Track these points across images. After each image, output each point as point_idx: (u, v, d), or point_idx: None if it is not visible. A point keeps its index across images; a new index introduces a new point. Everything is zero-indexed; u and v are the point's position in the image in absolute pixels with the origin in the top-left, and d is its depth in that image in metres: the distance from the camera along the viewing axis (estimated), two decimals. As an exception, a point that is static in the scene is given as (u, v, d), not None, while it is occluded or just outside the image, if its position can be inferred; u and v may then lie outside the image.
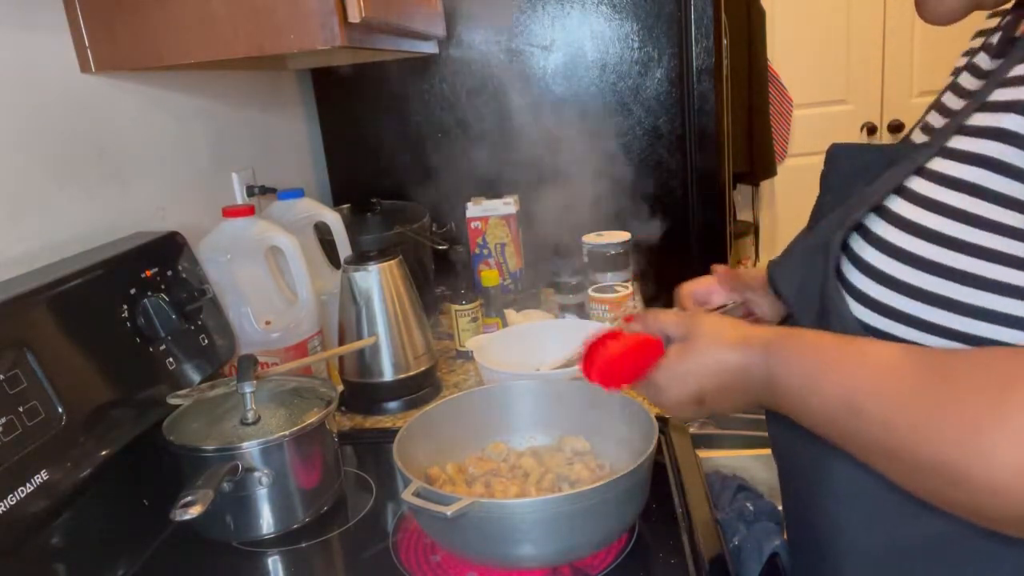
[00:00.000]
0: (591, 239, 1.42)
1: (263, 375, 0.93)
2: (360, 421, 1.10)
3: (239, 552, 0.82)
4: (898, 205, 0.56)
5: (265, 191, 1.37)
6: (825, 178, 0.70)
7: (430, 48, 1.46)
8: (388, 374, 1.10)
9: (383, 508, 0.89)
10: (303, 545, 0.82)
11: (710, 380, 0.61)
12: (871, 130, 2.90)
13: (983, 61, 0.63)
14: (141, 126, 1.08)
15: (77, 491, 0.73)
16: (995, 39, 0.63)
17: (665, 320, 0.66)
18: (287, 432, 0.81)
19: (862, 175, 0.63)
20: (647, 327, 0.67)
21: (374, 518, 0.87)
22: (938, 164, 0.54)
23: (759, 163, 2.66)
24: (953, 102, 0.64)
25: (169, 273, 0.94)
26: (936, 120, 0.65)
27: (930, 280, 0.52)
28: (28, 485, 0.67)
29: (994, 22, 0.68)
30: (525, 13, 1.59)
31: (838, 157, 0.69)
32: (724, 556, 0.75)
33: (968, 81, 0.63)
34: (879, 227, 0.57)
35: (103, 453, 0.77)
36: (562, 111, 1.65)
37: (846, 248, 0.59)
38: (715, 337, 0.62)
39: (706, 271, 0.93)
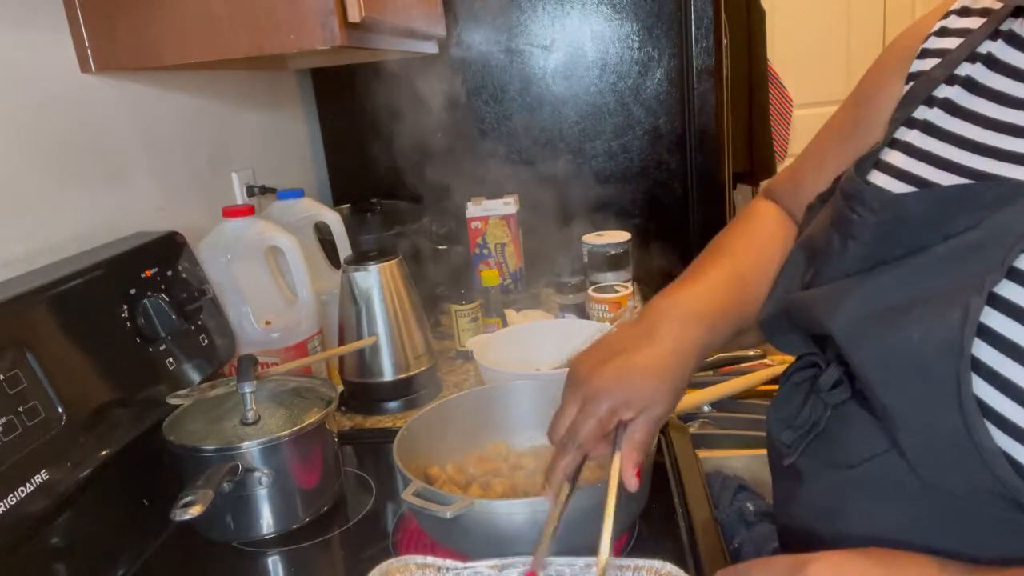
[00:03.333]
0: (591, 239, 1.42)
1: (263, 375, 0.93)
2: (360, 421, 1.10)
3: (239, 552, 0.82)
4: None
5: (265, 191, 1.37)
6: (861, 226, 0.58)
7: (430, 48, 1.46)
8: (388, 374, 1.10)
9: (383, 508, 0.89)
10: (303, 545, 0.82)
11: None
12: (871, 130, 2.90)
13: (1010, 55, 0.57)
14: (141, 126, 1.08)
15: (77, 491, 0.73)
16: (1015, 27, 0.57)
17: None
18: (287, 432, 0.81)
19: (924, 222, 0.54)
20: None
21: (374, 518, 0.87)
22: None
23: (759, 163, 2.66)
24: (996, 111, 0.56)
25: (169, 273, 0.94)
26: (986, 136, 0.56)
27: None
28: (28, 485, 0.67)
29: (975, 1, 0.63)
30: (525, 13, 1.60)
31: (891, 206, 0.57)
32: (724, 556, 0.75)
33: (1000, 83, 0.57)
34: (1009, 291, 0.48)
35: (103, 453, 0.77)
36: (562, 111, 1.65)
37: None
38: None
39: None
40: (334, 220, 1.29)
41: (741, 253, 0.78)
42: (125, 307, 0.86)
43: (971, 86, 0.59)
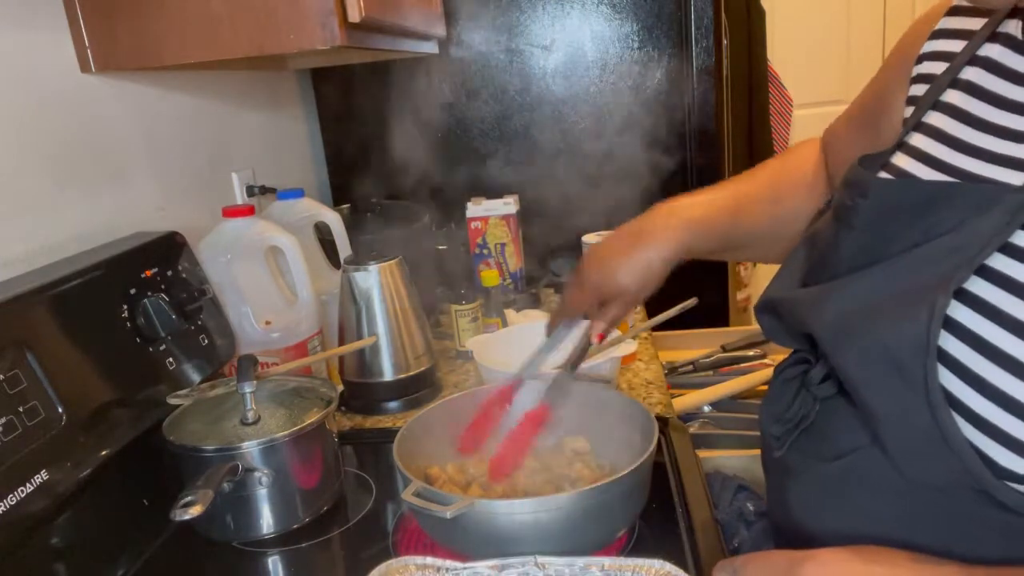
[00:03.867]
0: (591, 239, 1.42)
1: (263, 375, 0.93)
2: (360, 421, 1.10)
3: (239, 552, 0.82)
4: (1004, 264, 0.50)
5: (265, 191, 1.37)
6: (854, 212, 0.61)
7: (430, 48, 1.46)
8: (388, 374, 1.10)
9: (383, 508, 0.89)
10: (303, 545, 0.82)
11: None
12: (871, 130, 2.90)
13: (1008, 58, 0.58)
14: (141, 126, 1.08)
15: (77, 491, 0.73)
16: (1010, 29, 0.58)
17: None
18: (287, 432, 0.81)
19: (912, 214, 0.56)
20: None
21: (374, 518, 0.87)
22: None
23: (759, 163, 2.66)
24: (992, 114, 0.57)
25: (169, 273, 0.94)
26: (977, 138, 0.57)
27: None
28: (28, 485, 0.67)
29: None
30: (525, 13, 1.60)
31: (881, 191, 0.60)
32: (724, 556, 0.75)
33: (999, 86, 0.58)
34: (980, 288, 0.50)
35: (103, 453, 0.77)
36: (562, 111, 1.65)
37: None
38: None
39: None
40: (334, 220, 1.29)
41: (757, 177, 0.89)
42: (125, 307, 0.86)
43: (972, 90, 0.60)
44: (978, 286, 0.51)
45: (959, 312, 0.51)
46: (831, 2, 2.82)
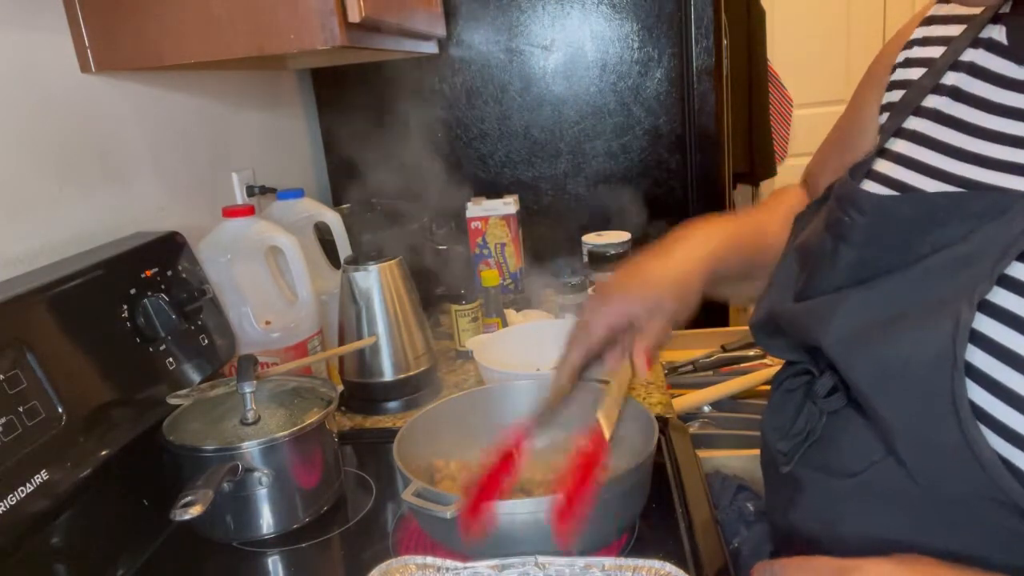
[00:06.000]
0: (591, 239, 1.42)
1: (263, 375, 0.93)
2: (360, 421, 1.10)
3: (239, 552, 0.82)
4: (1023, 272, 0.49)
5: (265, 191, 1.37)
6: (852, 229, 0.59)
7: (430, 48, 1.46)
8: (388, 374, 1.10)
9: (383, 508, 0.89)
10: (303, 545, 0.82)
11: None
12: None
13: (993, 63, 0.58)
14: (141, 126, 1.08)
15: (77, 491, 0.73)
16: (994, 34, 0.58)
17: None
18: (287, 432, 0.81)
19: (915, 227, 0.55)
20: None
21: (374, 518, 0.87)
22: None
23: (759, 163, 2.66)
24: (980, 118, 0.57)
25: (169, 273, 0.94)
26: (971, 144, 0.57)
27: None
28: (28, 485, 0.67)
29: (952, 9, 0.64)
30: (525, 13, 1.60)
31: (880, 208, 0.58)
32: (724, 556, 0.75)
33: (985, 90, 0.57)
34: (1001, 298, 0.49)
35: (103, 453, 0.77)
36: (562, 111, 1.65)
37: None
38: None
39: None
40: (334, 220, 1.29)
41: (765, 211, 0.86)
42: (125, 307, 0.86)
43: (957, 95, 0.59)
44: (998, 295, 0.50)
45: (981, 323, 0.50)
46: (831, 2, 2.83)
